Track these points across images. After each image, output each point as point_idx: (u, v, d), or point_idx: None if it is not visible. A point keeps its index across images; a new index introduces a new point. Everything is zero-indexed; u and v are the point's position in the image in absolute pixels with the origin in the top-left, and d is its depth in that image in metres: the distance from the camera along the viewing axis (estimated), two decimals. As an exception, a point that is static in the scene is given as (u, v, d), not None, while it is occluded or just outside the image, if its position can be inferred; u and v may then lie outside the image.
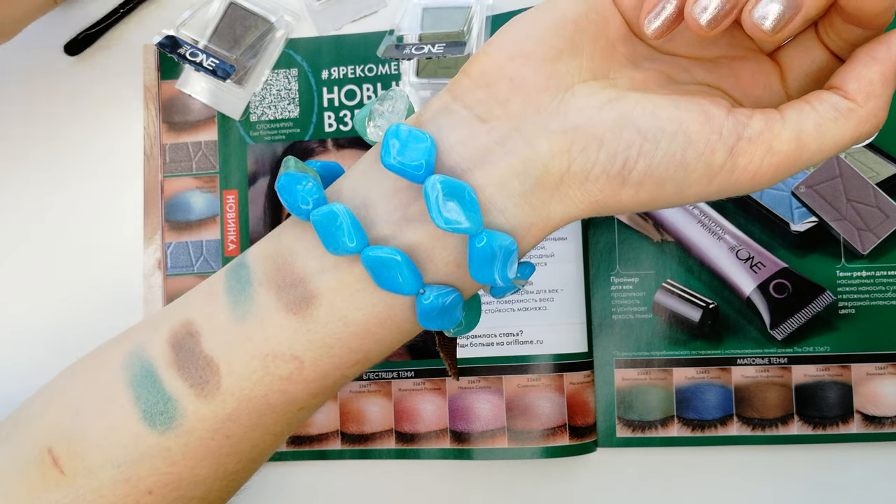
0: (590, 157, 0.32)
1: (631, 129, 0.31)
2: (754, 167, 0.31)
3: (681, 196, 0.32)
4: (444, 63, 0.57)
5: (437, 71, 0.57)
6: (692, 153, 0.31)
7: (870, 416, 0.55)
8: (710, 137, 0.31)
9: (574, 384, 0.55)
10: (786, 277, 0.56)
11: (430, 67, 0.57)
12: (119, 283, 0.61)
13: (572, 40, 0.33)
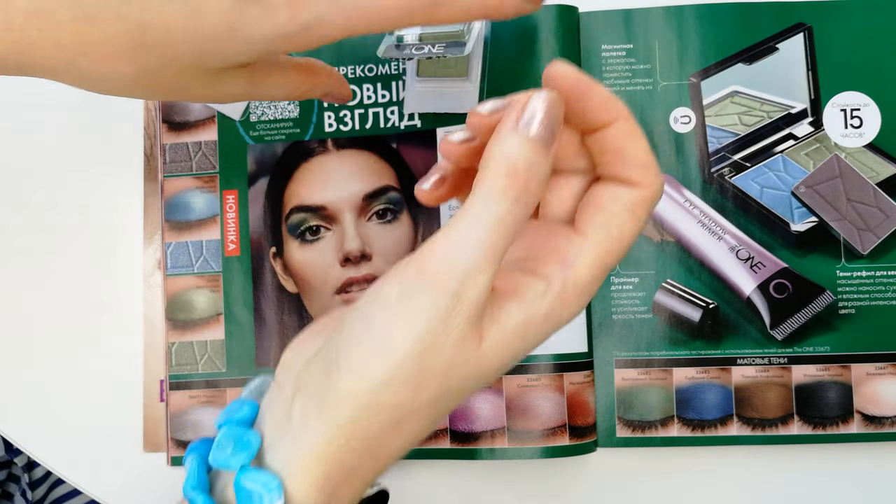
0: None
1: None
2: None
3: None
4: (444, 63, 0.57)
5: (437, 71, 0.57)
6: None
7: (870, 416, 0.55)
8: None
9: (574, 384, 0.55)
10: (786, 277, 0.56)
11: (430, 67, 0.57)
12: (119, 282, 0.61)
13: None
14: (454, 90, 0.55)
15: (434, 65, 0.55)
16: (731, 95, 0.58)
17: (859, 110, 0.57)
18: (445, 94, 0.55)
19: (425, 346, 0.32)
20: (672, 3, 0.58)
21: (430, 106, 0.56)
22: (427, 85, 0.56)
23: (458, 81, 0.54)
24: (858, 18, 0.57)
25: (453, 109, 0.56)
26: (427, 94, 0.57)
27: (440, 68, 0.54)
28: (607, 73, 0.58)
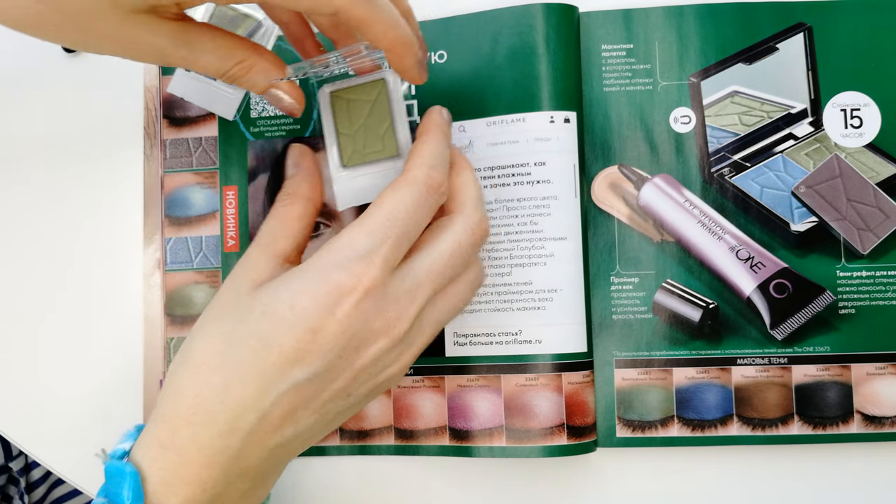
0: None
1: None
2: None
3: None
4: (368, 145, 0.50)
5: (365, 156, 0.49)
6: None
7: (870, 416, 0.55)
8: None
9: (573, 384, 0.55)
10: (786, 277, 0.56)
11: (356, 156, 0.50)
12: (119, 283, 0.61)
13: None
14: (389, 173, 0.47)
15: (359, 152, 0.47)
16: (731, 95, 0.58)
17: (859, 110, 0.57)
18: (379, 182, 0.47)
19: (212, 304, 0.45)
20: (672, 3, 0.58)
21: (364, 196, 0.48)
22: (356, 173, 0.48)
23: (389, 163, 0.47)
24: (858, 18, 0.57)
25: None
26: (358, 184, 0.48)
27: (367, 153, 0.47)
28: (607, 73, 0.58)
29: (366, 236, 0.41)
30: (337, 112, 0.47)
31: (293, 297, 0.40)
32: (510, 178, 0.56)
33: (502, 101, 0.56)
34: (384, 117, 0.47)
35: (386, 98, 0.47)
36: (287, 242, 0.45)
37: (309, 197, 0.46)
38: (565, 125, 0.56)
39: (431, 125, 0.46)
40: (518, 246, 0.55)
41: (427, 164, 0.43)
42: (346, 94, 0.47)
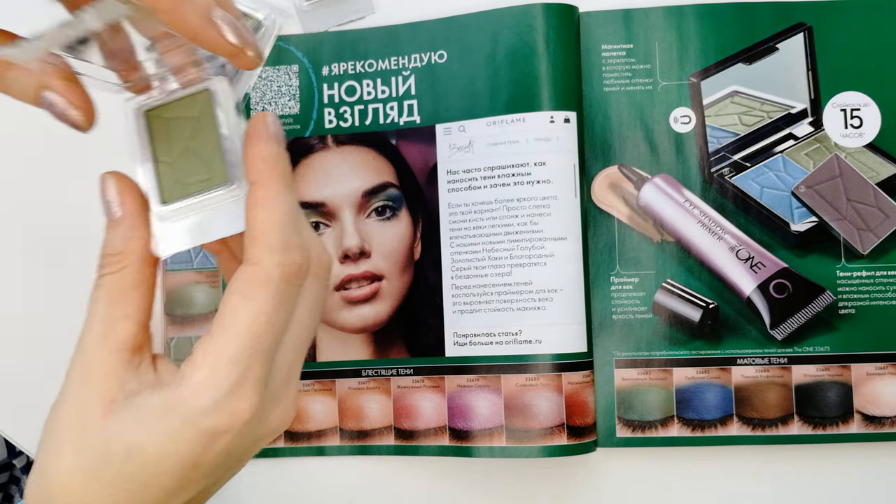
0: None
1: None
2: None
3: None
4: (191, 171, 0.39)
5: (187, 187, 0.38)
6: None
7: (870, 416, 0.55)
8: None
9: (573, 384, 0.55)
10: (786, 277, 0.56)
11: (176, 187, 0.39)
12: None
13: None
14: (224, 205, 0.37)
15: (181, 184, 0.37)
16: (731, 95, 0.58)
17: (859, 110, 0.57)
18: (213, 217, 0.37)
19: (56, 417, 0.35)
20: (672, 3, 0.58)
21: (194, 238, 0.37)
22: (180, 211, 0.37)
23: (221, 192, 0.36)
24: (858, 18, 0.57)
25: (226, 232, 0.36)
26: (185, 224, 0.37)
27: (191, 183, 0.37)
28: (607, 73, 0.58)
29: (229, 368, 0.33)
30: (155, 135, 0.37)
31: (164, 447, 0.33)
32: (510, 178, 0.56)
33: (502, 101, 0.56)
34: (210, 136, 0.37)
35: (211, 112, 0.37)
36: (129, 326, 0.35)
37: (143, 255, 0.35)
38: (565, 125, 0.56)
39: (261, 163, 0.34)
40: (518, 246, 0.55)
41: (277, 247, 0.33)
42: (163, 112, 0.38)
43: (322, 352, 0.58)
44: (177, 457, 0.33)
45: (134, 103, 0.38)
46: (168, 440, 0.33)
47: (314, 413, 0.58)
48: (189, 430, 0.33)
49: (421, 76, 0.59)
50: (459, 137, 0.57)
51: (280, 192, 0.34)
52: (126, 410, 0.34)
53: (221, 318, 0.33)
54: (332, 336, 0.58)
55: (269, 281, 0.33)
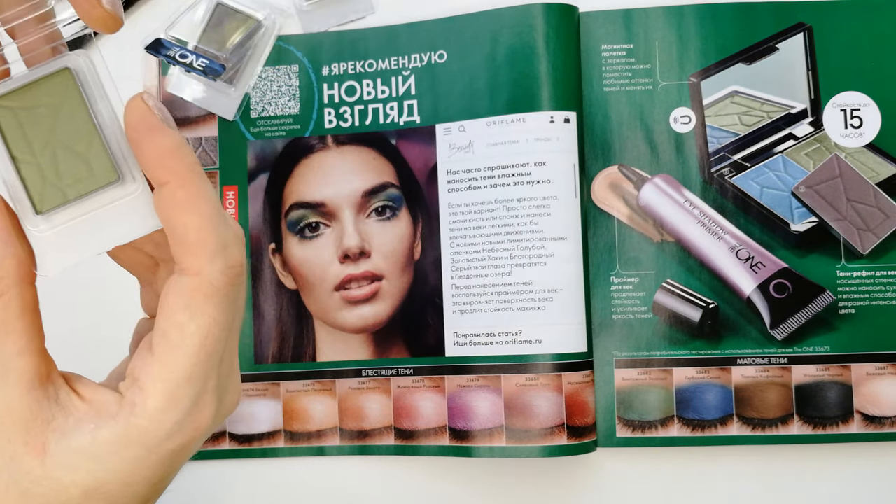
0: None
1: None
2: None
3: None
4: (70, 170, 0.32)
5: (66, 191, 0.32)
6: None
7: (870, 416, 0.55)
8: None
9: (573, 384, 0.55)
10: (786, 277, 0.56)
11: (52, 193, 0.32)
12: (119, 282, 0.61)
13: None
14: (117, 206, 0.31)
15: (55, 187, 0.31)
16: (731, 95, 0.58)
17: (859, 110, 0.57)
18: (106, 222, 0.32)
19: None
20: (672, 2, 0.58)
21: (84, 249, 0.32)
22: (59, 221, 0.31)
23: (110, 192, 0.31)
24: (858, 18, 0.57)
25: (123, 238, 0.32)
26: (69, 236, 0.32)
27: (69, 185, 0.31)
28: (607, 73, 0.58)
29: (186, 388, 0.30)
30: (4, 130, 0.31)
31: (128, 477, 0.31)
32: (510, 178, 0.56)
33: (502, 101, 0.56)
34: (81, 126, 0.31)
35: (78, 95, 0.31)
36: (28, 360, 0.31)
37: (21, 276, 0.30)
38: (565, 125, 0.56)
39: (168, 158, 0.29)
40: (518, 246, 0.55)
41: (218, 251, 0.30)
42: (11, 102, 0.31)
43: (322, 352, 0.58)
44: (143, 481, 0.31)
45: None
46: (131, 470, 0.31)
47: (314, 413, 0.58)
48: (154, 456, 0.31)
49: (421, 76, 0.59)
50: (459, 137, 0.57)
51: (202, 188, 0.30)
52: (67, 452, 0.30)
53: (166, 336, 0.30)
54: (332, 336, 0.58)
55: (217, 291, 0.30)
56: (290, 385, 0.58)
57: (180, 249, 0.30)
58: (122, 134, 0.30)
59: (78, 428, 0.30)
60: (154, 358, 0.30)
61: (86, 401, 0.31)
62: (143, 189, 0.31)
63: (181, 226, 0.29)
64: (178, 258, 0.30)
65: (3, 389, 0.30)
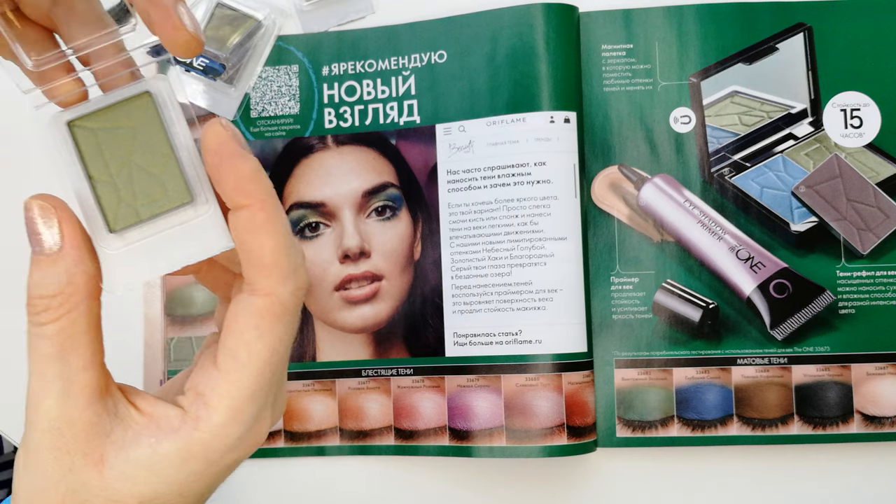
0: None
1: None
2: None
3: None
4: (147, 191, 0.32)
5: (139, 211, 0.33)
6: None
7: (870, 416, 0.55)
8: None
9: (573, 384, 0.55)
10: (786, 277, 0.56)
11: (125, 211, 0.33)
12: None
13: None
14: (187, 230, 0.32)
15: (129, 207, 0.32)
16: (731, 95, 0.58)
17: (859, 110, 0.57)
18: (177, 243, 0.32)
19: (38, 487, 0.31)
20: (672, 3, 0.58)
21: (151, 270, 0.32)
22: (132, 240, 0.32)
23: (182, 214, 0.32)
24: (858, 19, 0.57)
25: (193, 258, 0.32)
26: (139, 256, 0.32)
27: (143, 205, 0.31)
28: (607, 73, 0.58)
29: (249, 404, 0.31)
30: (83, 149, 0.32)
31: (184, 489, 0.32)
32: (510, 178, 0.56)
33: (502, 101, 0.56)
34: (158, 148, 0.31)
35: (156, 117, 0.32)
36: (91, 374, 0.32)
37: (90, 292, 0.31)
38: (565, 125, 0.56)
39: (247, 183, 0.30)
40: (518, 246, 0.55)
41: (289, 274, 0.31)
42: (91, 123, 0.32)
43: (322, 352, 0.58)
44: (196, 493, 0.32)
45: (49, 112, 0.32)
46: (188, 483, 0.32)
47: (314, 413, 0.58)
48: (211, 469, 0.32)
49: (421, 76, 0.59)
50: (459, 137, 0.57)
51: (277, 212, 0.31)
52: (126, 464, 0.31)
53: (235, 353, 0.31)
54: (332, 336, 0.58)
55: (286, 311, 0.31)
56: (290, 385, 0.58)
57: (254, 271, 0.31)
58: (195, 156, 0.31)
59: (137, 441, 0.31)
60: (220, 375, 0.31)
61: (145, 414, 0.32)
62: (214, 210, 0.31)
63: (258, 248, 0.30)
64: (250, 279, 0.31)
65: (67, 402, 0.31)
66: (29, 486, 0.31)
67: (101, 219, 0.31)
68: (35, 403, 0.31)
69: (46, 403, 0.31)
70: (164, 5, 0.30)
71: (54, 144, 0.31)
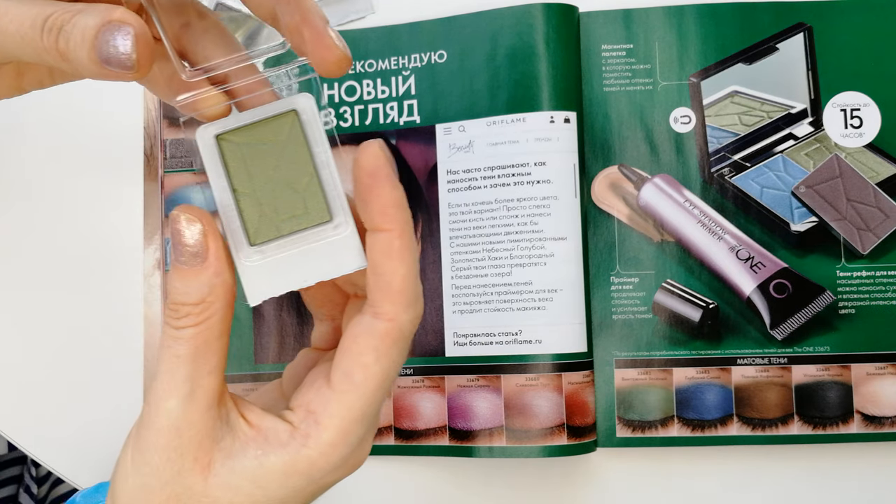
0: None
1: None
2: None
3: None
4: (287, 209, 0.34)
5: (280, 226, 0.35)
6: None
7: (870, 416, 0.55)
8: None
9: (573, 384, 0.55)
10: (786, 277, 0.56)
11: (265, 225, 0.35)
12: (119, 283, 0.61)
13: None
14: (323, 247, 0.33)
15: (269, 220, 0.33)
16: (731, 95, 0.58)
17: (859, 110, 0.57)
18: (311, 261, 0.33)
19: (145, 484, 0.32)
20: (672, 3, 0.58)
21: (287, 283, 0.33)
22: (270, 254, 0.33)
23: (319, 231, 0.33)
24: (858, 18, 0.57)
25: (327, 275, 0.33)
26: (276, 269, 0.33)
27: (283, 220, 0.32)
28: (607, 73, 0.58)
29: (357, 426, 0.32)
30: (229, 163, 0.33)
31: (284, 501, 0.33)
32: (510, 178, 0.56)
33: (502, 101, 0.56)
34: (303, 165, 0.32)
35: (301, 135, 0.33)
36: (214, 379, 0.32)
37: (228, 302, 0.32)
38: (565, 125, 0.56)
39: (392, 209, 0.31)
40: (518, 246, 0.55)
41: (413, 302, 0.32)
42: (238, 138, 0.33)
43: (322, 352, 0.59)
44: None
45: (209, 129, 0.33)
46: (288, 498, 0.32)
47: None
48: (312, 486, 0.33)
49: (421, 76, 0.59)
50: (459, 137, 0.57)
51: (412, 242, 0.32)
52: (231, 473, 0.32)
53: (350, 375, 0.32)
54: (332, 336, 0.58)
55: (404, 338, 0.32)
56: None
57: (381, 295, 0.31)
58: (336, 176, 0.32)
59: (243, 451, 0.32)
60: (334, 395, 0.32)
61: (253, 426, 0.33)
62: (351, 231, 0.32)
63: (389, 273, 0.31)
64: (375, 302, 0.32)
65: (190, 405, 0.32)
66: (135, 482, 0.32)
67: (243, 231, 0.32)
68: (157, 402, 0.32)
69: (171, 403, 0.31)
70: (316, 25, 0.32)
71: (207, 158, 0.33)
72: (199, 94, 0.33)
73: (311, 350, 0.39)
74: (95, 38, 0.29)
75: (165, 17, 0.33)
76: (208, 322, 0.31)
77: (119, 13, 0.29)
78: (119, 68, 0.29)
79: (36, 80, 0.38)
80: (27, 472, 0.87)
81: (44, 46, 0.30)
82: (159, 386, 0.32)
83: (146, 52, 0.29)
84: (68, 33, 0.29)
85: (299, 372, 0.37)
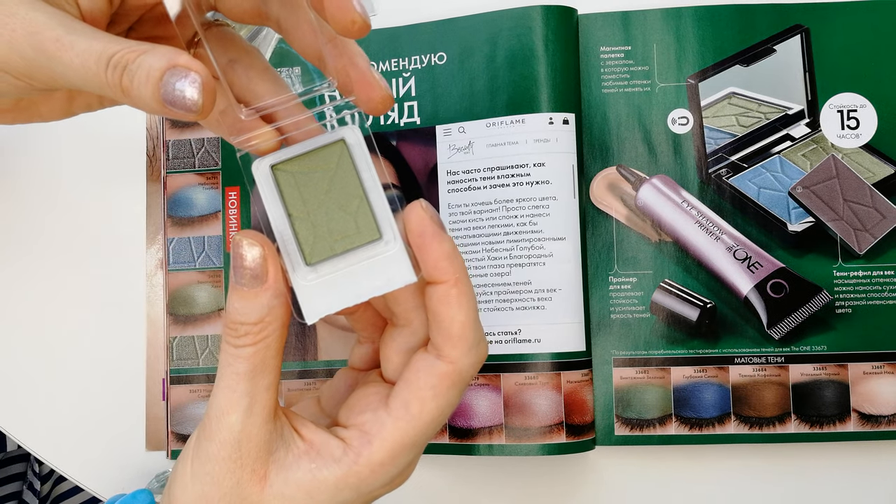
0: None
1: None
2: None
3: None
4: (339, 228, 0.36)
5: (333, 246, 0.36)
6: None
7: (866, 415, 0.56)
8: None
9: (571, 383, 0.55)
10: (783, 277, 0.57)
11: (319, 245, 0.37)
12: (122, 283, 0.61)
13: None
14: (374, 264, 0.34)
15: (324, 241, 0.35)
16: (729, 97, 0.58)
17: (856, 111, 0.58)
18: (362, 279, 0.34)
19: (204, 493, 0.34)
20: (670, 4, 0.59)
21: (340, 302, 0.34)
22: (325, 273, 0.34)
23: (371, 249, 0.34)
24: (855, 20, 0.58)
25: (379, 290, 0.34)
26: (330, 288, 0.35)
27: (336, 240, 0.35)
28: (606, 75, 0.58)
29: (408, 452, 0.35)
30: (284, 189, 0.35)
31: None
32: (509, 178, 0.56)
33: (501, 103, 0.57)
34: (352, 188, 0.35)
35: (350, 162, 0.35)
36: (270, 394, 0.34)
37: (285, 321, 0.34)
38: (564, 126, 0.56)
39: (445, 262, 0.33)
40: (517, 246, 0.56)
41: (473, 347, 0.34)
42: (291, 167, 0.35)
43: (323, 351, 0.59)
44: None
45: (265, 160, 0.35)
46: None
47: (315, 412, 0.58)
48: (360, 500, 0.35)
49: (421, 78, 0.59)
50: (459, 138, 0.58)
51: (469, 289, 0.34)
52: (286, 485, 0.34)
53: (408, 405, 0.34)
54: (333, 335, 0.59)
55: (462, 380, 0.34)
56: (291, 384, 0.59)
57: (442, 339, 0.34)
58: (383, 197, 0.34)
59: (297, 464, 0.34)
60: (390, 420, 0.34)
61: (306, 440, 0.34)
62: (400, 247, 0.34)
63: (448, 319, 0.33)
64: (437, 345, 0.34)
65: (250, 418, 0.33)
66: (195, 490, 0.34)
67: (299, 252, 0.34)
68: (218, 415, 0.33)
69: (232, 417, 0.33)
70: (361, 68, 0.35)
71: (263, 187, 0.35)
72: (256, 133, 0.35)
73: (350, 370, 0.41)
74: (160, 79, 0.30)
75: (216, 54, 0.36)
76: (266, 341, 0.33)
77: (184, 59, 0.31)
78: (183, 111, 0.31)
79: (85, 104, 0.39)
80: (30, 469, 0.88)
81: (107, 82, 0.31)
82: (220, 401, 0.33)
83: (210, 98, 0.31)
84: (133, 72, 0.31)
85: (340, 390, 0.40)
